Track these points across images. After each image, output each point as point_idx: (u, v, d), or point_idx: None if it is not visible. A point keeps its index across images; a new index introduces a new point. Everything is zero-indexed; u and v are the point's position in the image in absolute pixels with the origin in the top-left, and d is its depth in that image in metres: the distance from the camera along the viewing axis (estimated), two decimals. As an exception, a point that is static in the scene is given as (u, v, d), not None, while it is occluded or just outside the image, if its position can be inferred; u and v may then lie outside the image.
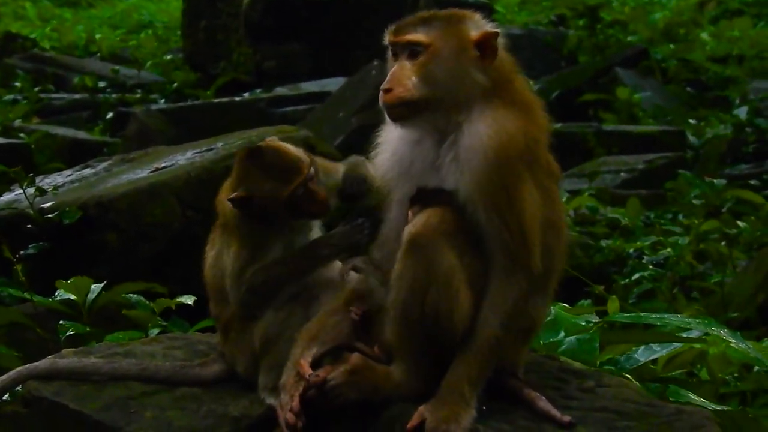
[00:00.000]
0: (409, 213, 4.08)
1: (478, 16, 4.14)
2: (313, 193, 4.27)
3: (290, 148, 4.34)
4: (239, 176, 4.30)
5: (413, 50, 4.04)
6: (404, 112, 4.04)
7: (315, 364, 4.09)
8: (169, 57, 24.44)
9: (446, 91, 4.03)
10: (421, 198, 4.04)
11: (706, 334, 5.20)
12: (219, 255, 4.39)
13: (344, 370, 4.00)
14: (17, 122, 16.48)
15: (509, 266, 3.97)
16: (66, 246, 7.07)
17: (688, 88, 19.81)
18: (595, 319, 5.22)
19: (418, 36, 4.04)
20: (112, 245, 7.18)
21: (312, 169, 4.27)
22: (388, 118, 4.10)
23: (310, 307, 4.28)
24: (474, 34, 4.05)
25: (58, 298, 5.91)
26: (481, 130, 3.97)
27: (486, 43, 4.05)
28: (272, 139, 4.43)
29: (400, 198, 4.20)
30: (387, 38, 4.10)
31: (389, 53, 4.14)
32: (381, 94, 4.03)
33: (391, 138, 4.24)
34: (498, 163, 3.93)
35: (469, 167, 3.95)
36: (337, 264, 4.36)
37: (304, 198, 4.25)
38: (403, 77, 4.02)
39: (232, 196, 4.25)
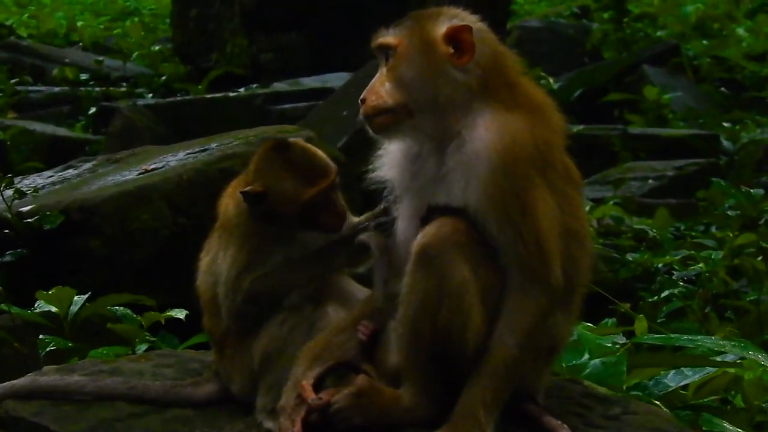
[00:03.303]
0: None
1: (460, 12, 4.16)
2: (334, 204, 4.30)
3: (318, 150, 4.37)
4: (258, 169, 4.31)
5: (387, 54, 4.11)
6: (383, 121, 4.09)
7: (317, 385, 4.11)
8: (156, 47, 24.48)
9: (421, 93, 4.07)
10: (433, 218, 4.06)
11: (742, 357, 5.22)
12: (214, 260, 4.40)
13: (349, 393, 4.01)
14: (-8, 117, 16.53)
15: (526, 280, 3.99)
16: (46, 253, 7.09)
17: (722, 88, 19.84)
18: (621, 340, 5.24)
19: (387, 39, 4.12)
20: (97, 253, 7.19)
21: (338, 179, 4.29)
22: (370, 131, 4.14)
23: (315, 322, 4.28)
24: (442, 29, 4.07)
25: (38, 310, 5.94)
26: (483, 135, 3.99)
27: (458, 38, 4.05)
28: (298, 138, 4.46)
29: (405, 213, 4.23)
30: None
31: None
32: (360, 105, 4.10)
33: (393, 150, 4.28)
34: (505, 168, 3.94)
35: (475, 175, 3.96)
36: (346, 278, 4.38)
37: (323, 207, 4.27)
38: (377, 84, 4.10)
39: (246, 189, 4.26)
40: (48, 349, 5.61)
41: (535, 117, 4.07)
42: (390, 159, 4.28)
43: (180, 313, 5.91)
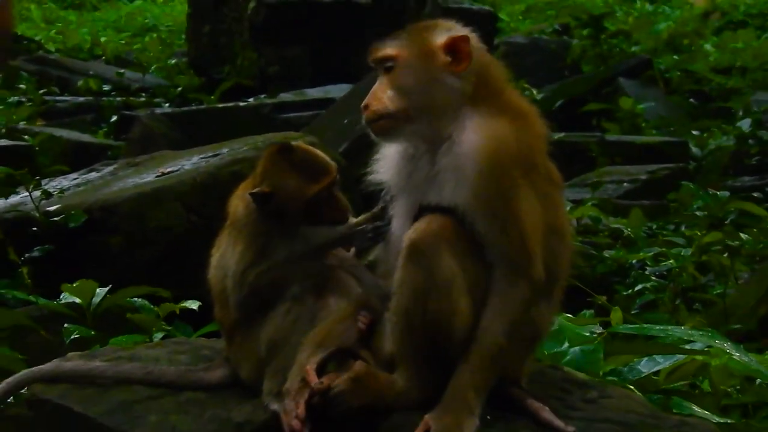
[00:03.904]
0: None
1: (453, 25, 4.17)
2: (336, 199, 4.29)
3: (319, 151, 4.36)
4: (265, 171, 4.30)
5: (387, 65, 4.10)
6: (385, 126, 4.09)
7: (319, 370, 4.10)
8: (173, 61, 24.47)
9: (421, 99, 4.06)
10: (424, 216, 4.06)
11: (709, 346, 5.21)
12: (223, 256, 4.39)
13: (348, 378, 4.01)
14: (21, 124, 16.48)
15: (511, 274, 3.98)
16: (71, 249, 7.09)
17: (691, 99, 19.81)
18: (598, 329, 5.23)
19: (387, 50, 4.11)
20: (117, 249, 7.20)
21: (338, 176, 4.29)
22: (372, 135, 4.13)
23: (317, 312, 4.27)
24: (441, 39, 4.08)
25: (63, 301, 5.95)
26: (471, 139, 3.98)
27: (456, 48, 4.06)
28: (299, 141, 4.46)
29: (400, 212, 4.22)
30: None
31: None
32: (362, 111, 4.09)
33: (390, 152, 4.27)
34: (491, 170, 3.94)
35: (464, 176, 3.96)
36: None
37: (327, 202, 4.27)
38: (378, 92, 4.09)
39: (254, 190, 4.25)
40: (72, 337, 5.61)
41: (520, 123, 4.07)
42: (387, 161, 4.27)
43: (193, 304, 5.90)
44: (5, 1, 23.19)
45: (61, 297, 5.96)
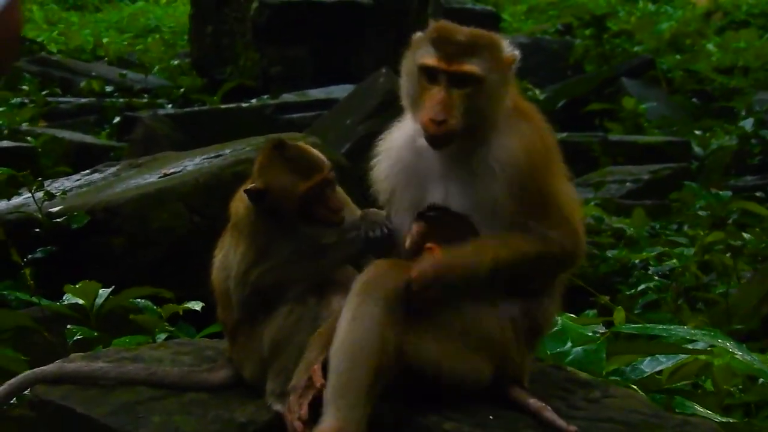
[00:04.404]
0: (414, 226, 4.10)
1: (500, 37, 4.16)
2: (329, 199, 4.27)
3: (313, 149, 4.37)
4: (260, 168, 4.31)
5: (463, 80, 4.02)
6: (450, 139, 4.04)
7: (324, 369, 4.09)
8: (175, 62, 24.43)
9: (489, 117, 4.05)
10: (428, 214, 4.06)
11: (712, 345, 5.22)
12: (226, 257, 4.39)
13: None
14: (24, 125, 16.47)
15: (558, 238, 4.05)
16: (73, 250, 7.09)
17: (694, 99, 19.80)
18: (601, 329, 5.24)
19: (474, 68, 4.00)
20: (120, 250, 7.20)
21: (332, 173, 4.28)
22: (430, 145, 4.07)
23: (319, 312, 4.26)
24: (508, 60, 4.10)
25: (66, 302, 5.94)
26: (507, 144, 4.03)
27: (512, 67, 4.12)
28: (297, 140, 4.46)
29: (404, 206, 4.21)
30: (430, 62, 4.03)
31: (413, 69, 4.09)
32: (431, 123, 3.98)
33: (394, 145, 4.25)
34: (530, 170, 4.00)
35: (505, 181, 4.00)
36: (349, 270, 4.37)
37: (319, 201, 4.25)
38: (453, 108, 4.00)
39: (248, 187, 4.26)
40: (75, 338, 5.61)
41: (537, 123, 4.14)
42: (391, 151, 4.25)
43: (196, 305, 5.90)
44: (11, 2, 23.17)
45: (64, 298, 5.96)
